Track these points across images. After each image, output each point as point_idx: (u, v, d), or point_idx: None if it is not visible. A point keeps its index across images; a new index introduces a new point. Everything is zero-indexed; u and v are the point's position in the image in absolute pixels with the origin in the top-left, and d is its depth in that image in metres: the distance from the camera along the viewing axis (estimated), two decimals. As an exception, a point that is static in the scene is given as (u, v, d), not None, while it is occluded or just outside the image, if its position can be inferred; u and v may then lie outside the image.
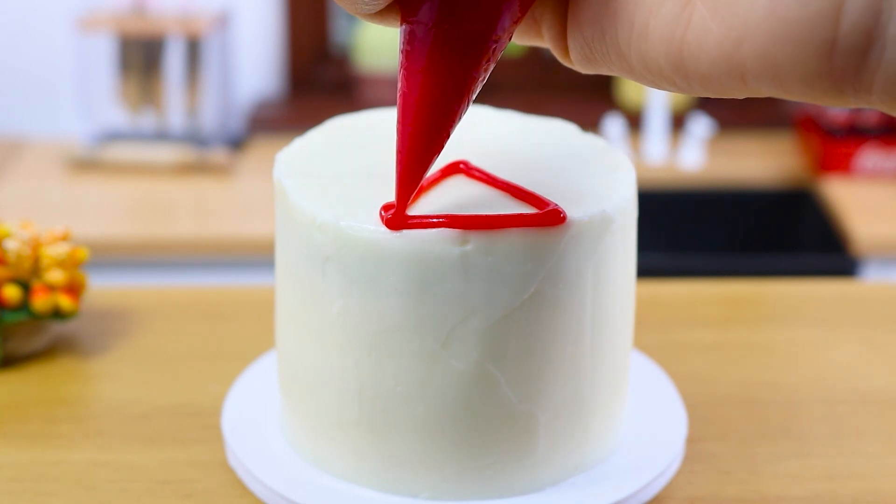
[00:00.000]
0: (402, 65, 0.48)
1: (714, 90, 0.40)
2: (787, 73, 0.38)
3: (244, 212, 1.80)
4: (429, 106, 0.48)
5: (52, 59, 2.09)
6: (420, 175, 0.51)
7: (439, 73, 0.47)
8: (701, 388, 0.72)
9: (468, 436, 0.57)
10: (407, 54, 0.47)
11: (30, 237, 0.74)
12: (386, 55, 2.05)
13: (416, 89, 0.48)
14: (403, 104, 0.48)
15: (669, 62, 0.40)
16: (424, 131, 0.49)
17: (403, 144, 0.50)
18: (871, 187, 1.84)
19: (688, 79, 0.40)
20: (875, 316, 0.83)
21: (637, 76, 0.42)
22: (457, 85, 0.47)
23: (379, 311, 0.55)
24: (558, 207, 0.54)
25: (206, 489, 0.62)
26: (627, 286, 0.60)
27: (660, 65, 0.41)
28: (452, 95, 0.48)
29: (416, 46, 0.47)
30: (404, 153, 0.50)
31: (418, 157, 0.50)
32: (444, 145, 0.50)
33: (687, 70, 0.40)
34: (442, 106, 0.48)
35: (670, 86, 0.41)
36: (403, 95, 0.48)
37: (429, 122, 0.49)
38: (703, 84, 0.40)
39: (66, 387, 0.72)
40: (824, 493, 0.62)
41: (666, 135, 1.97)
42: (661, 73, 0.41)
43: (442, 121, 0.48)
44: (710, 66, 0.39)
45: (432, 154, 0.50)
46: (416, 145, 0.50)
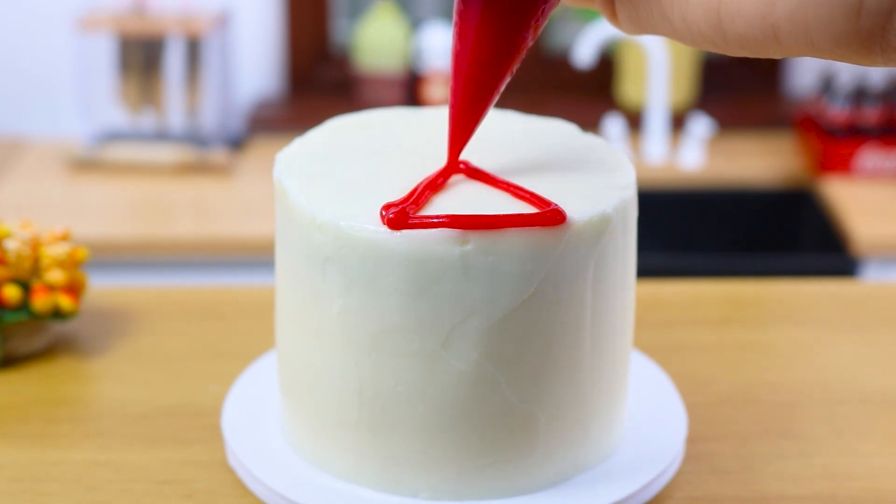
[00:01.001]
0: (456, 24, 0.51)
1: (751, 50, 0.43)
2: (818, 33, 0.40)
3: (244, 212, 1.80)
4: (480, 64, 0.51)
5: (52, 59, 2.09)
6: (471, 131, 0.55)
7: (491, 33, 0.50)
8: (701, 388, 0.72)
9: (468, 436, 0.57)
10: (461, 14, 0.50)
11: (30, 237, 0.74)
12: (386, 55, 2.05)
13: (469, 48, 0.51)
14: (456, 63, 0.52)
15: (709, 23, 0.43)
16: (475, 88, 0.52)
17: (455, 100, 0.54)
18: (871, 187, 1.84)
19: (726, 39, 0.43)
20: (875, 316, 0.83)
21: (680, 37, 0.45)
22: (507, 44, 0.50)
23: (379, 311, 0.55)
24: (558, 207, 0.54)
25: (206, 489, 0.62)
26: (627, 286, 0.60)
27: (700, 26, 0.43)
28: (503, 54, 0.51)
29: (470, 6, 0.50)
30: (456, 108, 0.54)
31: (469, 113, 0.54)
32: (492, 103, 0.53)
33: (725, 30, 0.42)
34: (492, 64, 0.51)
35: (711, 45, 0.44)
36: (457, 54, 0.52)
37: (479, 80, 0.52)
38: (741, 44, 0.42)
39: (66, 387, 0.72)
40: (824, 493, 0.62)
41: (666, 135, 1.97)
42: (701, 34, 0.44)
43: (492, 79, 0.52)
44: (746, 27, 0.42)
45: (481, 110, 0.54)
46: (466, 102, 0.53)
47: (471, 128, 0.55)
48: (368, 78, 2.08)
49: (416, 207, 0.55)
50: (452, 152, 0.57)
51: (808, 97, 2.06)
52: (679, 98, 2.07)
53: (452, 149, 0.57)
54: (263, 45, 2.14)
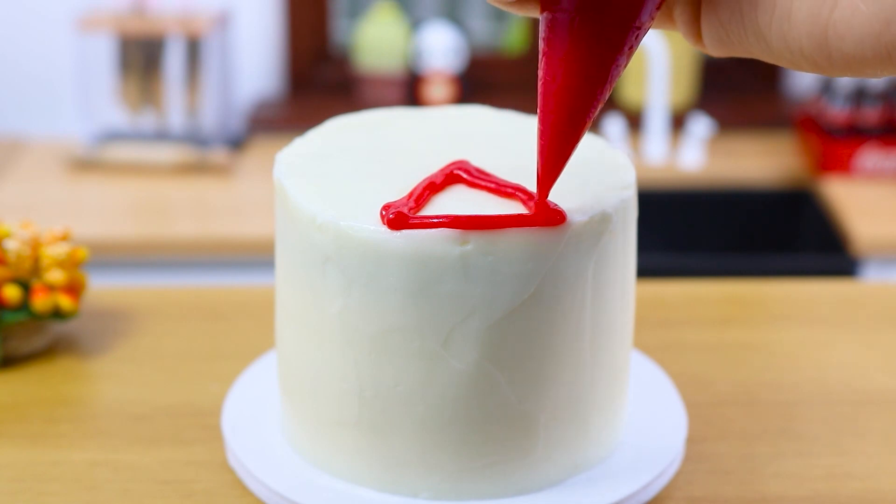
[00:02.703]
0: (544, 52, 0.48)
1: (857, 70, 0.41)
2: None
3: (244, 212, 1.80)
4: (571, 93, 0.48)
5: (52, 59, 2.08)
6: (563, 162, 0.51)
7: (582, 61, 0.47)
8: (701, 388, 0.72)
9: (468, 436, 0.57)
10: (548, 42, 0.47)
11: (30, 237, 0.74)
12: (386, 55, 2.05)
13: (559, 77, 0.48)
14: (545, 91, 0.49)
15: (813, 42, 0.41)
16: (567, 118, 0.49)
17: (546, 131, 0.50)
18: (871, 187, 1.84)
19: (831, 59, 0.41)
20: (875, 316, 0.83)
21: (775, 57, 0.43)
22: (600, 72, 0.47)
23: (379, 311, 0.55)
24: (558, 207, 0.54)
25: (206, 489, 0.62)
26: (627, 286, 0.60)
27: (802, 45, 0.42)
28: (596, 82, 0.48)
29: (558, 34, 0.47)
30: (547, 139, 0.50)
31: (561, 144, 0.50)
32: (585, 132, 0.50)
33: (831, 50, 0.41)
34: (584, 93, 0.48)
35: (810, 66, 0.42)
36: (545, 83, 0.49)
37: (571, 110, 0.49)
38: (847, 64, 0.41)
39: (66, 387, 0.72)
40: (824, 493, 0.62)
41: (666, 135, 1.97)
42: (802, 54, 0.42)
43: (585, 107, 0.49)
44: (856, 47, 0.40)
45: (574, 140, 0.50)
46: (558, 132, 0.50)
47: (563, 161, 0.51)
48: (368, 78, 2.08)
49: (416, 207, 0.55)
50: (544, 187, 0.53)
51: (808, 97, 2.05)
52: (679, 98, 2.07)
53: (543, 184, 0.52)
54: (263, 45, 2.14)
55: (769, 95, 2.16)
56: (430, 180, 0.57)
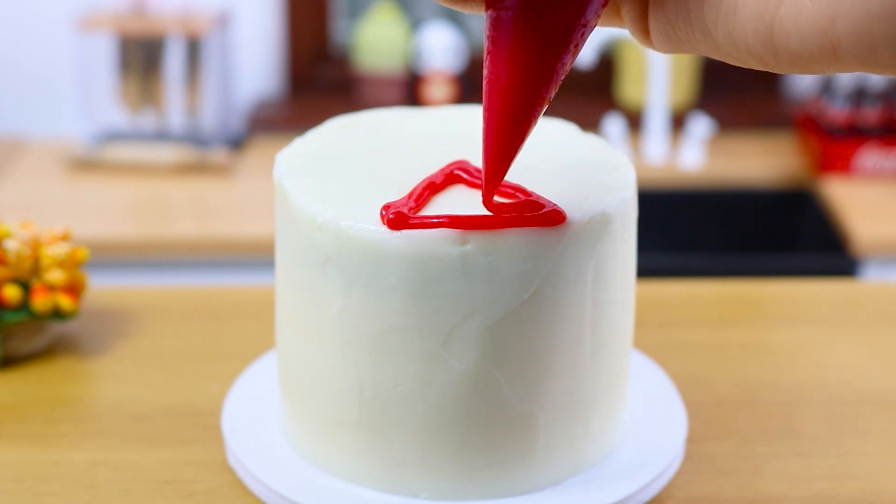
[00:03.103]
0: (489, 50, 0.47)
1: (804, 67, 0.41)
2: (882, 49, 0.38)
3: (244, 212, 1.80)
4: (517, 92, 0.48)
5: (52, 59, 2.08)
6: (508, 161, 0.51)
7: (527, 59, 0.46)
8: (701, 388, 0.72)
9: (468, 436, 0.57)
10: (493, 40, 0.47)
11: (30, 237, 0.74)
12: (386, 55, 2.05)
13: (504, 75, 0.47)
14: (490, 90, 0.48)
15: (759, 39, 0.41)
16: (512, 117, 0.48)
17: (491, 130, 0.49)
18: (871, 187, 1.84)
19: (777, 56, 0.41)
20: (875, 316, 0.83)
21: (722, 54, 0.43)
22: (545, 70, 0.47)
23: (379, 311, 0.55)
24: (558, 207, 0.54)
25: (206, 489, 0.62)
26: (627, 286, 0.60)
27: (748, 42, 0.41)
28: (541, 81, 0.47)
29: (503, 32, 0.46)
30: (492, 139, 0.50)
31: (506, 144, 0.50)
32: (531, 131, 0.49)
33: (777, 47, 0.41)
34: (530, 91, 0.47)
35: (757, 63, 0.42)
36: (490, 82, 0.48)
37: (517, 108, 0.48)
38: (794, 61, 0.41)
39: (66, 387, 0.72)
40: (824, 493, 0.62)
41: (666, 135, 1.97)
42: (748, 50, 0.42)
43: (530, 106, 0.48)
44: (802, 43, 0.40)
45: (520, 139, 0.50)
46: (503, 131, 0.49)
47: (508, 160, 0.51)
48: (368, 78, 2.08)
49: (416, 207, 0.55)
50: (489, 187, 0.52)
51: (808, 97, 2.05)
52: (679, 98, 2.07)
53: (489, 183, 0.52)
54: (263, 45, 2.14)
55: (769, 95, 2.16)
56: (430, 180, 0.57)
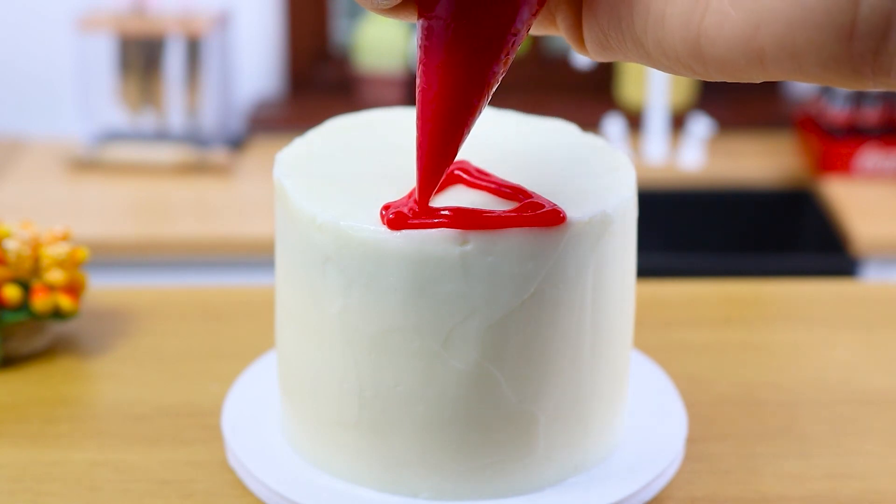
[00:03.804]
0: (421, 60, 0.48)
1: (731, 75, 0.41)
2: (806, 57, 0.38)
3: (244, 212, 1.80)
4: (448, 101, 0.48)
5: (52, 59, 2.08)
6: (441, 170, 0.51)
7: (458, 68, 0.47)
8: (701, 388, 0.72)
9: (468, 436, 0.57)
10: (425, 49, 0.47)
11: (30, 237, 0.74)
12: (386, 55, 2.05)
13: (435, 84, 0.48)
14: (422, 99, 0.48)
15: (686, 48, 0.41)
16: (444, 126, 0.49)
17: (424, 139, 0.50)
18: (871, 187, 1.84)
19: (705, 64, 0.41)
20: (875, 316, 0.83)
21: (654, 62, 0.43)
22: (476, 79, 0.47)
23: (379, 311, 0.55)
24: (558, 207, 0.54)
25: (206, 489, 0.62)
26: (627, 286, 0.60)
27: (677, 50, 0.41)
28: (472, 90, 0.48)
29: (434, 42, 0.47)
30: (425, 148, 0.50)
31: (439, 152, 0.50)
32: (463, 140, 0.50)
33: (704, 55, 0.41)
34: (462, 101, 0.48)
35: (687, 71, 0.42)
36: (422, 91, 0.48)
37: (449, 118, 0.49)
38: (721, 69, 0.41)
39: (66, 387, 0.72)
40: (824, 493, 0.62)
41: (666, 135, 1.97)
42: (678, 59, 0.42)
43: (462, 116, 0.49)
44: (728, 51, 0.40)
45: (453, 149, 0.50)
46: (436, 140, 0.50)
47: (442, 168, 0.51)
48: (368, 78, 2.08)
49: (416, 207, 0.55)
50: (423, 195, 0.53)
51: (808, 97, 2.06)
52: (679, 98, 2.07)
53: (423, 192, 0.53)
54: (263, 45, 2.14)
55: (769, 95, 2.16)
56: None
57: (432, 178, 0.52)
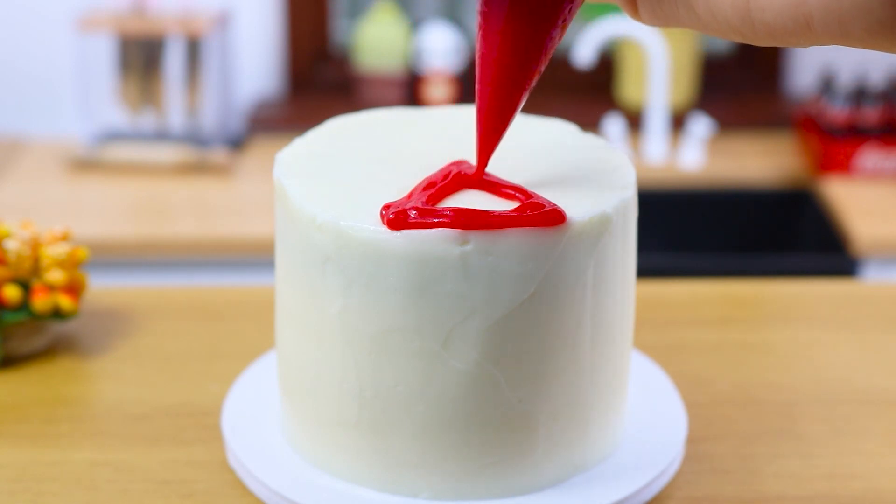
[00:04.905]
0: (480, 26, 0.49)
1: (780, 39, 0.42)
2: (853, 22, 0.39)
3: (244, 212, 1.80)
4: (508, 66, 0.50)
5: (52, 59, 2.08)
6: (500, 134, 0.53)
7: (518, 34, 0.49)
8: (701, 388, 0.72)
9: (468, 436, 0.57)
10: (485, 16, 0.49)
11: (30, 237, 0.74)
12: (386, 55, 2.05)
13: (495, 50, 0.49)
14: (482, 64, 0.50)
15: (737, 13, 0.43)
16: (503, 91, 0.51)
17: (483, 103, 0.52)
18: (871, 187, 1.84)
19: (754, 29, 0.42)
20: (875, 316, 0.83)
21: (705, 27, 0.44)
22: (535, 44, 0.49)
23: (379, 311, 0.55)
24: (558, 207, 0.54)
25: (206, 489, 0.62)
26: (627, 286, 0.60)
27: (727, 15, 0.43)
28: (531, 55, 0.49)
29: (494, 8, 0.49)
30: (484, 111, 0.52)
31: (498, 116, 0.52)
32: (521, 104, 0.52)
33: (754, 20, 0.42)
34: (521, 65, 0.50)
35: (738, 36, 0.43)
36: (482, 56, 0.50)
37: (507, 82, 0.50)
38: (770, 33, 0.42)
39: (66, 387, 0.72)
40: (824, 493, 0.62)
41: (666, 135, 1.97)
42: (728, 24, 0.43)
43: (521, 80, 0.50)
44: (776, 17, 0.41)
45: (511, 112, 0.52)
46: (495, 104, 0.52)
47: (500, 132, 0.53)
48: (368, 78, 2.08)
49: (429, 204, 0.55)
50: (482, 158, 0.55)
51: (808, 97, 2.05)
52: (679, 98, 2.07)
53: (482, 154, 0.55)
54: (263, 45, 2.14)
55: (769, 95, 2.16)
56: (429, 180, 0.57)
57: (491, 140, 0.54)
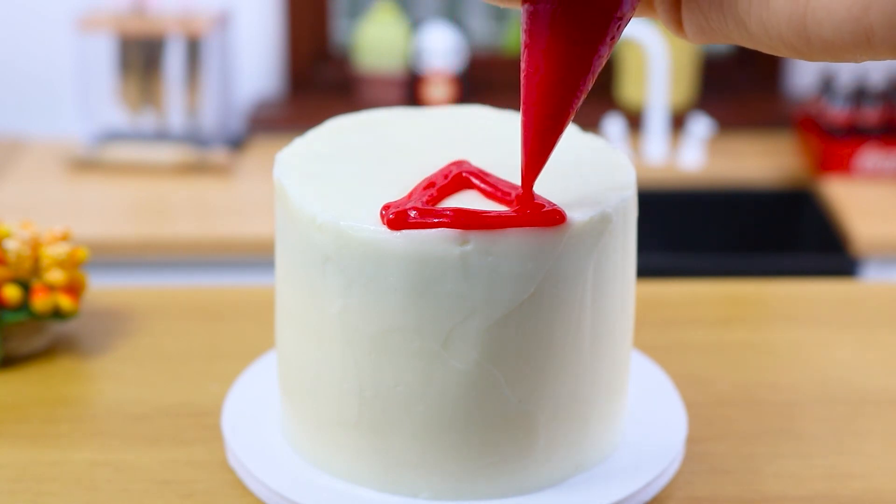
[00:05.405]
0: (526, 44, 0.48)
1: (836, 55, 0.41)
2: None
3: (244, 212, 1.80)
4: (554, 84, 0.48)
5: (52, 59, 2.08)
6: (546, 155, 0.51)
7: (564, 52, 0.47)
8: (701, 388, 0.72)
9: (468, 436, 0.57)
10: (530, 33, 0.47)
11: (30, 237, 0.74)
12: (386, 55, 2.05)
13: (542, 69, 0.48)
14: (528, 83, 0.49)
15: (792, 28, 0.41)
16: (550, 110, 0.49)
17: (529, 122, 0.50)
18: (871, 187, 1.84)
19: (810, 44, 0.41)
20: (875, 316, 0.83)
21: (756, 43, 0.43)
22: (582, 63, 0.47)
23: (379, 311, 0.55)
24: (558, 207, 0.54)
25: (206, 489, 0.62)
26: (627, 286, 0.60)
27: (781, 31, 0.42)
28: (578, 73, 0.48)
29: (540, 26, 0.47)
30: (531, 131, 0.50)
31: (545, 136, 0.50)
32: (568, 124, 0.50)
33: (810, 35, 0.41)
34: (567, 84, 0.48)
35: (789, 51, 0.42)
36: (528, 75, 0.48)
37: (554, 101, 0.49)
38: (826, 49, 0.41)
39: (66, 387, 0.72)
40: (824, 493, 0.62)
41: (666, 135, 1.97)
42: (781, 39, 0.42)
43: (567, 99, 0.49)
44: (835, 32, 0.40)
45: (558, 131, 0.50)
46: (542, 125, 0.50)
47: (547, 152, 0.51)
48: (368, 78, 2.08)
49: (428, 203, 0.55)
50: (528, 179, 0.53)
51: (808, 97, 2.05)
52: (679, 98, 2.07)
53: (527, 175, 0.53)
54: (263, 45, 2.14)
55: (769, 95, 2.16)
56: (429, 180, 0.57)
57: (538, 161, 0.52)
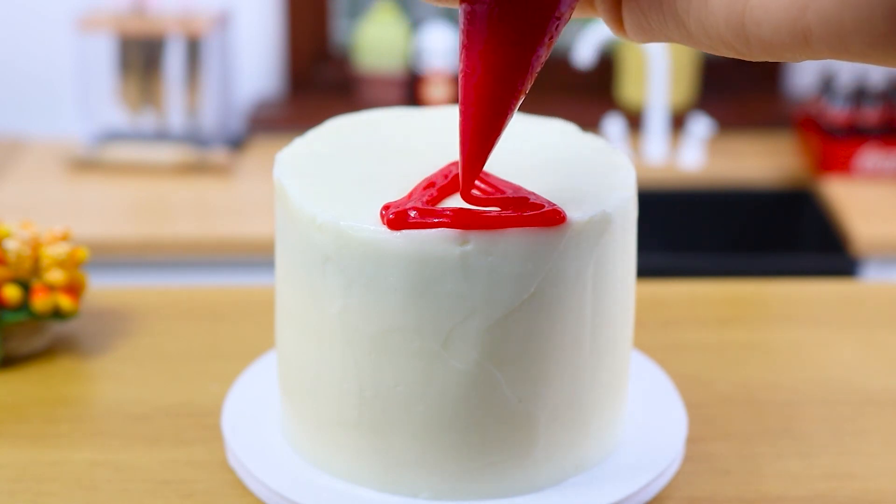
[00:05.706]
0: (463, 45, 0.47)
1: (775, 55, 0.41)
2: (853, 36, 0.38)
3: (244, 212, 1.80)
4: (492, 85, 0.47)
5: (52, 59, 2.08)
6: (485, 156, 0.51)
7: (502, 53, 0.46)
8: (701, 388, 0.72)
9: (468, 436, 0.57)
10: (468, 34, 0.47)
11: (30, 237, 0.74)
12: (386, 55, 2.05)
13: (479, 69, 0.47)
14: (465, 84, 0.48)
15: (730, 28, 0.41)
16: (488, 111, 0.48)
17: (467, 125, 0.49)
18: (871, 187, 1.84)
19: (749, 44, 0.41)
20: (875, 316, 0.83)
21: (695, 43, 0.43)
22: (520, 63, 0.47)
23: (379, 311, 0.55)
24: (558, 207, 0.54)
25: (206, 489, 0.62)
26: (627, 286, 0.60)
27: (720, 31, 0.41)
28: (516, 74, 0.47)
29: (478, 26, 0.46)
30: (468, 133, 0.50)
31: (483, 137, 0.50)
32: (506, 125, 0.49)
33: (748, 35, 0.41)
34: (505, 85, 0.47)
35: (729, 51, 0.42)
36: (466, 76, 0.48)
37: (492, 102, 0.48)
38: (765, 49, 0.41)
39: (66, 387, 0.72)
40: (824, 493, 0.62)
41: (666, 135, 1.97)
42: (720, 39, 0.42)
43: (506, 100, 0.48)
44: (773, 32, 0.40)
45: (496, 133, 0.50)
46: (480, 125, 0.49)
47: (486, 153, 0.51)
48: (368, 78, 2.08)
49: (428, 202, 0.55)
50: (466, 180, 0.52)
51: (808, 97, 2.05)
52: (679, 98, 2.07)
53: (466, 176, 0.52)
54: (263, 45, 2.14)
55: (769, 95, 2.16)
56: (429, 180, 0.57)
57: (476, 162, 0.51)
